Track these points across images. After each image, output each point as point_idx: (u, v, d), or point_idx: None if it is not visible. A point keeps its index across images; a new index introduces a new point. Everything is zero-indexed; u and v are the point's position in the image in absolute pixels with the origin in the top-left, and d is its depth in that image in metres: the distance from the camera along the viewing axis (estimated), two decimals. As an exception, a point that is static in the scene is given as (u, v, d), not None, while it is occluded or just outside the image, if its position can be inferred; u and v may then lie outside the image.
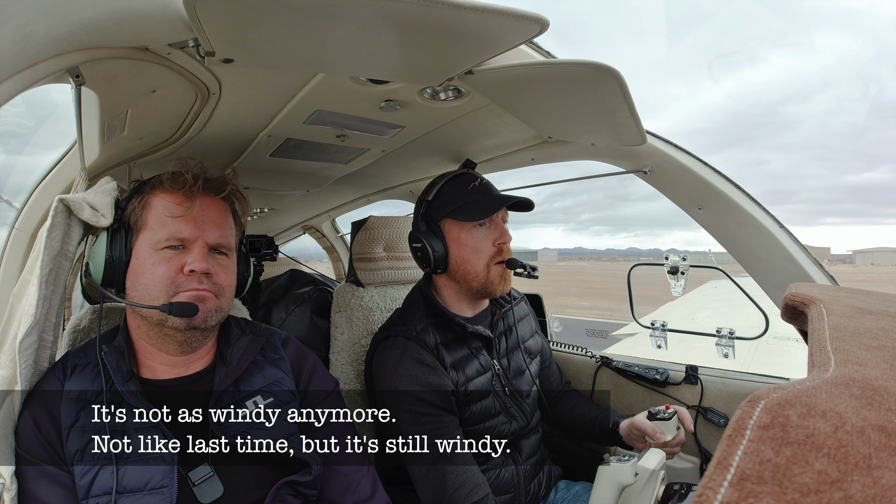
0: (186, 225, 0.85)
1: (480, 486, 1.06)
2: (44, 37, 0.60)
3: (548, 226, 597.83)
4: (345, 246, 3.14)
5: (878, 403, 0.27)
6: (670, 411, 1.11)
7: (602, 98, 0.87)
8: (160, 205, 0.87)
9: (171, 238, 0.85)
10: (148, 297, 0.83)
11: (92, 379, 0.83)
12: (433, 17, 0.62)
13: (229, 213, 0.94)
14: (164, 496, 0.78)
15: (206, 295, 0.85)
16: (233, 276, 0.93)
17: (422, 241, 1.21)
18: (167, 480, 0.79)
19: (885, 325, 0.46)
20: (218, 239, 0.88)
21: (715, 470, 0.22)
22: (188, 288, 0.84)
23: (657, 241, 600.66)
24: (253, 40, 0.70)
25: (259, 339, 1.00)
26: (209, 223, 0.88)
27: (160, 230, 0.85)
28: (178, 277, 0.84)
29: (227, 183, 0.93)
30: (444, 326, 1.21)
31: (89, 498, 0.76)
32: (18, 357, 0.76)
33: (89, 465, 0.77)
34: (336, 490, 0.94)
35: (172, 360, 0.90)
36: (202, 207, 0.87)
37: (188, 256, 0.85)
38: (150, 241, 0.85)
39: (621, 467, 0.97)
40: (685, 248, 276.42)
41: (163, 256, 0.85)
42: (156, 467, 0.79)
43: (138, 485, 0.78)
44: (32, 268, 0.79)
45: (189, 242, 0.86)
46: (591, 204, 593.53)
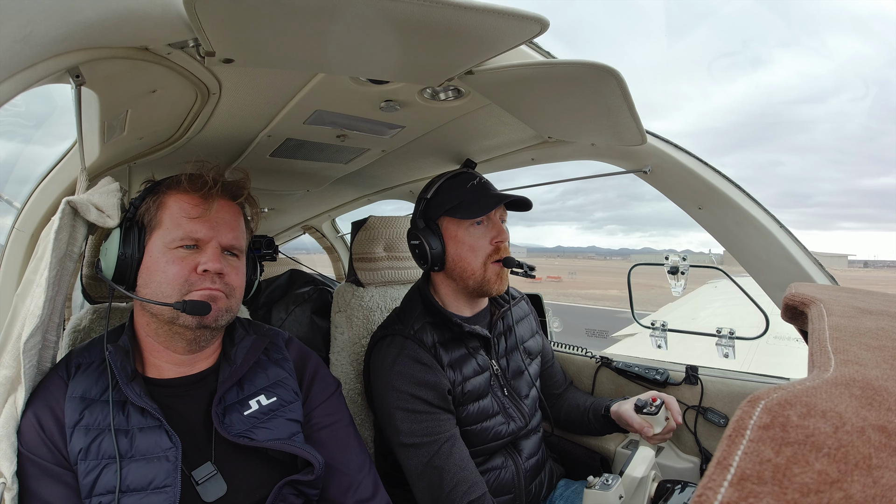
0: (202, 226, 0.87)
1: (477, 484, 1.06)
2: (44, 37, 0.60)
3: (561, 223, 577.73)
4: (345, 246, 3.14)
5: (878, 403, 0.27)
6: (657, 403, 1.11)
7: (602, 98, 0.87)
8: (176, 205, 0.88)
9: (187, 238, 0.86)
10: (161, 295, 0.84)
11: (96, 378, 0.84)
12: (433, 17, 0.62)
13: (241, 216, 0.96)
14: (167, 495, 0.78)
15: (218, 295, 0.87)
16: (243, 277, 0.95)
17: (420, 238, 1.21)
18: (170, 479, 0.79)
19: (885, 325, 0.46)
20: (231, 241, 0.90)
21: (715, 470, 0.22)
22: (201, 287, 0.85)
23: (673, 242, 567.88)
24: (253, 40, 0.70)
25: (263, 339, 1.01)
26: (223, 225, 0.89)
27: (175, 230, 0.86)
28: (192, 276, 0.85)
29: (244, 188, 0.95)
30: (442, 326, 1.21)
31: (92, 497, 0.76)
32: (23, 357, 0.76)
33: (93, 464, 0.77)
34: (338, 490, 0.94)
35: (179, 359, 0.90)
36: (218, 210, 0.89)
37: (202, 256, 0.86)
38: (165, 240, 0.86)
39: (605, 495, 0.97)
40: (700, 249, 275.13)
41: (177, 255, 0.86)
42: (159, 466, 0.79)
43: (141, 484, 0.78)
44: (37, 269, 0.80)
45: (203, 243, 0.87)
46: (604, 202, 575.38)
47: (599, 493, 0.97)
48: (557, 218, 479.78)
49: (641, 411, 1.12)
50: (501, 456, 1.21)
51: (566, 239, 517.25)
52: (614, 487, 0.97)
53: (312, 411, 1.00)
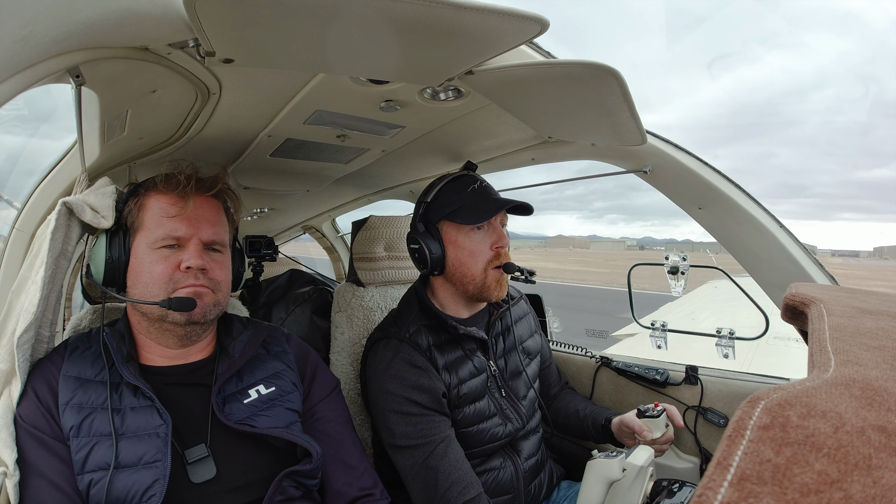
0: (181, 224, 0.89)
1: (473, 484, 1.06)
2: (44, 37, 0.60)
3: (562, 213, 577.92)
4: (345, 246, 3.14)
5: (878, 404, 0.27)
6: (659, 409, 1.11)
7: (602, 98, 0.87)
8: (155, 205, 0.90)
9: (167, 237, 0.88)
10: (148, 295, 0.87)
11: (92, 361, 0.86)
12: (433, 17, 0.62)
13: (222, 211, 0.98)
14: (157, 470, 0.79)
15: (203, 290, 0.89)
16: (228, 271, 0.97)
17: (419, 242, 1.20)
18: (160, 455, 0.80)
19: (885, 326, 0.46)
20: (212, 236, 0.92)
21: (715, 470, 0.22)
22: (186, 284, 0.87)
23: (674, 231, 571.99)
24: (253, 40, 0.70)
25: (261, 332, 1.03)
26: (203, 221, 0.91)
27: (156, 230, 0.88)
28: (176, 274, 0.87)
29: (219, 181, 0.97)
30: (438, 328, 1.21)
31: (84, 473, 0.78)
32: (17, 352, 0.79)
33: (84, 441, 0.79)
34: (339, 482, 0.96)
35: (172, 353, 0.93)
36: (196, 207, 0.91)
37: (184, 254, 0.88)
38: (148, 241, 0.88)
39: (608, 462, 0.97)
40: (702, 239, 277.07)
41: (160, 255, 0.88)
42: (150, 442, 0.81)
43: (132, 460, 0.79)
44: (32, 266, 0.82)
45: (184, 241, 0.89)
46: (602, 192, 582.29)
47: (604, 460, 0.97)
48: (558, 207, 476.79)
49: (644, 415, 1.12)
50: (500, 457, 1.21)
51: (568, 228, 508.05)
52: (619, 458, 0.97)
53: (315, 406, 1.02)
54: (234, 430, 0.87)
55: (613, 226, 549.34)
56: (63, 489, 0.76)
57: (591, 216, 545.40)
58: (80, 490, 0.77)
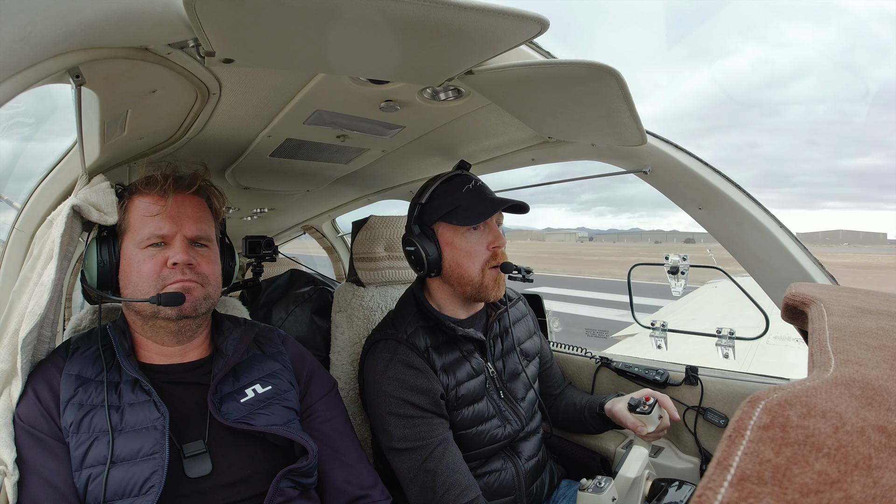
0: (164, 222, 0.91)
1: (471, 487, 1.05)
2: (44, 37, 0.60)
3: (550, 206, 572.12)
4: (345, 246, 3.14)
5: (879, 403, 0.27)
6: (650, 402, 1.11)
7: (602, 98, 0.87)
8: (139, 206, 0.93)
9: (152, 236, 0.90)
10: (139, 293, 0.89)
11: (92, 361, 0.88)
12: (433, 17, 0.62)
13: (205, 206, 1.00)
14: (156, 462, 0.80)
15: (192, 285, 0.91)
16: (216, 265, 0.99)
17: (415, 244, 1.19)
18: (158, 447, 0.81)
19: (885, 325, 0.46)
20: (196, 232, 0.94)
21: (715, 470, 0.22)
22: (174, 280, 0.90)
23: (662, 223, 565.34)
24: (253, 40, 0.70)
25: (252, 328, 1.05)
26: (185, 218, 0.93)
27: (142, 230, 0.91)
28: (164, 271, 0.90)
29: (197, 178, 0.98)
30: (436, 329, 1.20)
31: (83, 469, 0.78)
32: (20, 352, 0.80)
33: (84, 437, 0.80)
34: (339, 480, 0.98)
35: (169, 351, 0.95)
36: (176, 204, 0.93)
37: (170, 251, 0.91)
38: (135, 241, 0.91)
39: (597, 498, 0.97)
40: (689, 229, 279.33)
41: (147, 254, 0.90)
42: (147, 435, 0.82)
43: (130, 453, 0.80)
44: (34, 267, 0.84)
45: (169, 238, 0.91)
46: (589, 184, 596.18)
47: (592, 496, 0.97)
48: (545, 201, 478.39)
49: (635, 410, 1.12)
50: (500, 459, 1.21)
51: (556, 221, 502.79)
52: (607, 490, 0.98)
53: (313, 405, 1.03)
54: (232, 429, 0.87)
55: (601, 218, 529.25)
56: (59, 488, 0.76)
57: (580, 209, 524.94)
58: (79, 486, 0.77)
